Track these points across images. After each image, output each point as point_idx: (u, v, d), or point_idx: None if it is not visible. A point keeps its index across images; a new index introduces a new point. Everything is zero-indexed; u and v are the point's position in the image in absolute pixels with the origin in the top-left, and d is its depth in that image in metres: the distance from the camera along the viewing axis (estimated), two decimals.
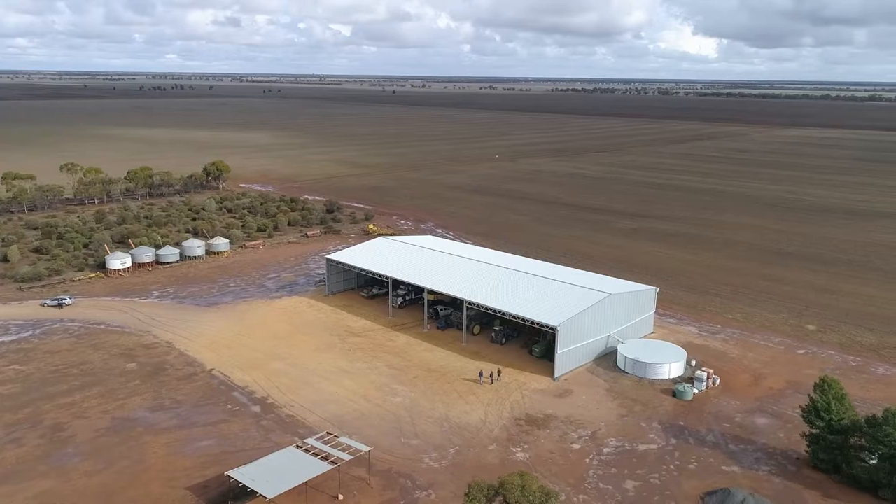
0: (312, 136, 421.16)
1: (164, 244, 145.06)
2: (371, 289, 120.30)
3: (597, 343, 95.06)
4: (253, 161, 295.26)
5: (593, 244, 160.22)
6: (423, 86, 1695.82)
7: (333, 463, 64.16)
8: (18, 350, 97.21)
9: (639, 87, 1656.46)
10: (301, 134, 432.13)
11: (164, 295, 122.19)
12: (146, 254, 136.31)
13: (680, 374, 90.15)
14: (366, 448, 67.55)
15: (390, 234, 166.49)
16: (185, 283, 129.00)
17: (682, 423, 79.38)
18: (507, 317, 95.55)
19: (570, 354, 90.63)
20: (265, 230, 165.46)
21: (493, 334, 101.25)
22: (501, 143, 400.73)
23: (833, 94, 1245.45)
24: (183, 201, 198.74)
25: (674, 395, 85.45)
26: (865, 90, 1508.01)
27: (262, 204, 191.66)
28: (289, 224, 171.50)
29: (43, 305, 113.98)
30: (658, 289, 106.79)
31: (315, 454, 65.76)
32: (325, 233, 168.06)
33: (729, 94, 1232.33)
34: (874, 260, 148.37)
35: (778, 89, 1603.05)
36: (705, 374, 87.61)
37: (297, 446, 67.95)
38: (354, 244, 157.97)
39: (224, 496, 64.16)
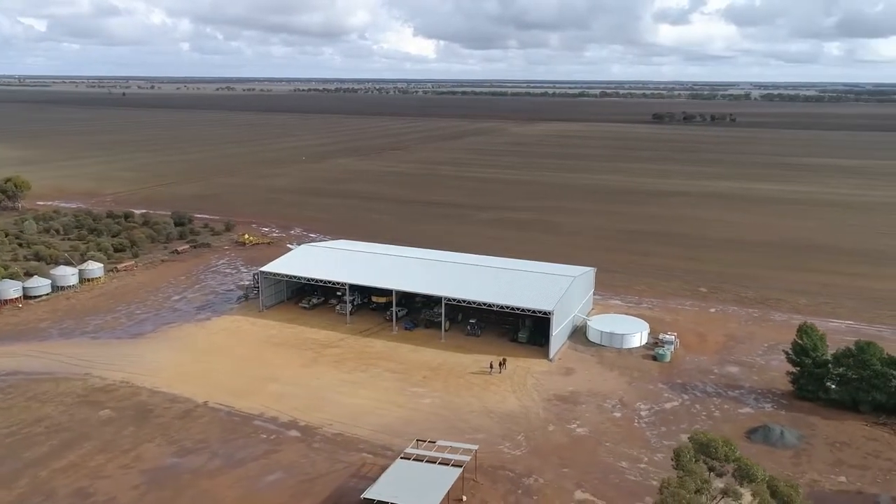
0: (73, 145, 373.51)
1: (17, 276, 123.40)
2: (311, 298, 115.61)
3: (569, 323, 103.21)
4: (25, 176, 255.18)
5: (469, 236, 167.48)
6: (152, 87, 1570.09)
7: (457, 466, 64.04)
8: None
9: (378, 87, 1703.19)
10: (56, 144, 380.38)
11: (65, 332, 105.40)
12: (13, 288, 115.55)
13: (646, 342, 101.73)
14: (474, 447, 68.06)
15: (266, 243, 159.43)
16: (80, 316, 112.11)
17: (679, 381, 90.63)
18: (494, 308, 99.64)
19: (559, 336, 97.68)
20: (125, 250, 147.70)
21: (468, 327, 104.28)
22: (288, 144, 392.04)
23: (550, 91, 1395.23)
24: None
25: (654, 358, 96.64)
26: (570, 88, 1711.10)
27: (94, 221, 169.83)
28: (151, 241, 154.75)
29: None
30: (596, 269, 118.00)
31: (429, 462, 64.91)
32: (195, 247, 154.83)
33: (463, 93, 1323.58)
34: (702, 231, 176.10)
35: (497, 87, 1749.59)
36: (673, 337, 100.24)
37: (403, 457, 66.25)
38: (233, 256, 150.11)
39: None
